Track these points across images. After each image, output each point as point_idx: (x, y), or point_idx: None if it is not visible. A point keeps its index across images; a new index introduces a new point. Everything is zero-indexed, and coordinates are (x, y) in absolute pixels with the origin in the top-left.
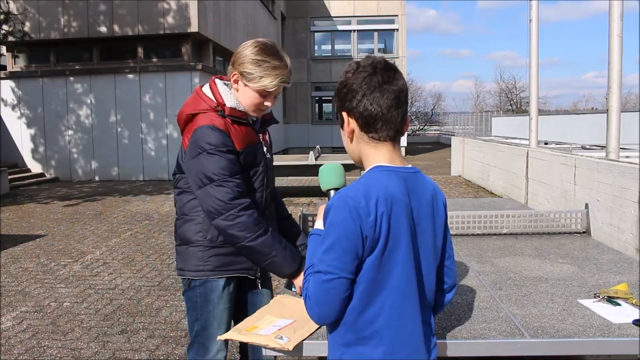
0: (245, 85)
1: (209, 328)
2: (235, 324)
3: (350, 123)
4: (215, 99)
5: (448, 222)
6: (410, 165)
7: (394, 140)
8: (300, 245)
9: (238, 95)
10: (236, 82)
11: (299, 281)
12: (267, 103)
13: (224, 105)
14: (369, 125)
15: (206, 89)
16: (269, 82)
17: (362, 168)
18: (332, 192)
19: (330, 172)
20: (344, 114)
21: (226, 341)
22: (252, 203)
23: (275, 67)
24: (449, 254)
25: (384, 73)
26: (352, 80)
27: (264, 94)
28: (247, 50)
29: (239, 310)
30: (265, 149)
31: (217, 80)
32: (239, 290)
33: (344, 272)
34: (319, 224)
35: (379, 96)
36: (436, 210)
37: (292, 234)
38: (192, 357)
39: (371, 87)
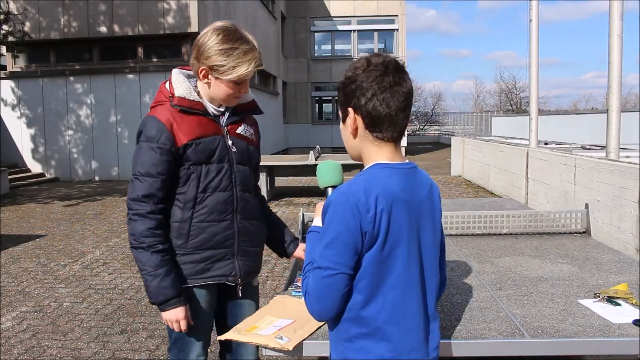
0: (217, 78)
1: (187, 336)
2: (219, 333)
3: (356, 120)
4: (169, 89)
5: (443, 218)
6: (408, 161)
7: (397, 141)
8: (287, 242)
9: (210, 89)
10: (205, 77)
11: (166, 315)
12: (242, 90)
13: (174, 95)
14: (375, 125)
15: (170, 81)
16: (244, 70)
17: (360, 164)
18: (329, 190)
19: (328, 170)
20: (350, 110)
21: (206, 347)
22: (158, 210)
23: (246, 52)
24: (443, 247)
25: (395, 74)
26: (363, 78)
27: (239, 81)
28: (210, 41)
29: (221, 319)
30: (230, 142)
31: (174, 70)
32: (223, 297)
33: (344, 267)
34: (317, 221)
35: (389, 97)
36: (434, 204)
37: (275, 232)
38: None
39: (382, 88)
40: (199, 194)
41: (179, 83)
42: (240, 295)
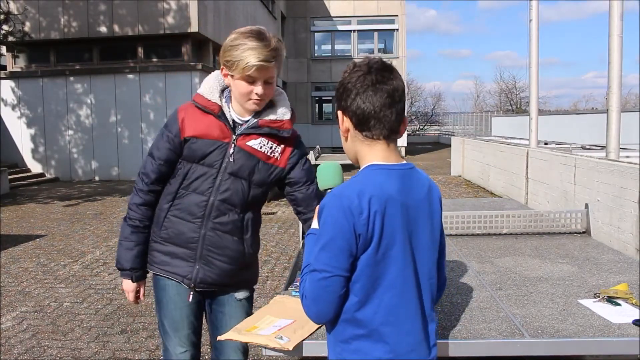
0: (231, 75)
1: (163, 326)
2: (212, 338)
3: (345, 121)
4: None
5: (443, 218)
6: (405, 162)
7: (389, 139)
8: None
9: (232, 90)
10: (225, 76)
11: (124, 286)
12: (256, 90)
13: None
14: (362, 124)
15: None
16: (246, 62)
17: (359, 167)
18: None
19: (327, 172)
20: (339, 112)
21: (184, 339)
22: (148, 189)
23: (252, 48)
24: (443, 249)
25: (378, 72)
26: (348, 80)
27: (249, 80)
28: (228, 39)
29: (211, 326)
30: (232, 151)
31: (214, 72)
32: (213, 304)
33: (339, 270)
34: (315, 224)
35: (372, 94)
36: (433, 205)
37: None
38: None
39: (364, 86)
40: (180, 190)
41: (207, 82)
42: (194, 300)
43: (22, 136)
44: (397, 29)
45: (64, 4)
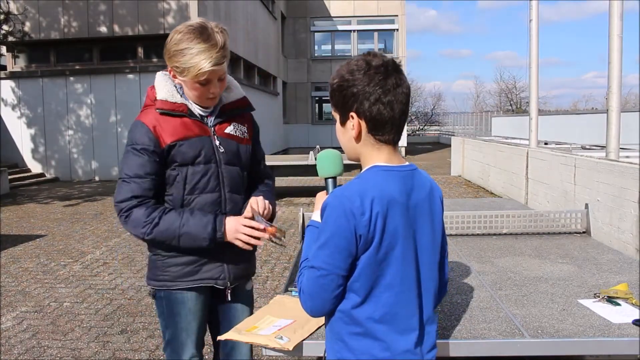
0: (181, 79)
1: (178, 337)
2: (213, 335)
3: (357, 125)
4: (154, 93)
5: (444, 219)
6: (407, 163)
7: (396, 142)
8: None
9: (186, 90)
10: (174, 77)
11: (229, 237)
12: (212, 90)
13: (157, 98)
14: (377, 129)
15: (154, 85)
16: (197, 70)
17: (359, 165)
18: (329, 181)
19: (328, 160)
20: (354, 114)
21: (199, 348)
22: (147, 200)
23: (201, 52)
24: (445, 250)
25: (395, 75)
26: (365, 81)
27: (202, 82)
28: (171, 42)
29: (214, 321)
30: (217, 142)
31: (159, 73)
32: (216, 299)
33: (336, 268)
34: (316, 215)
35: (393, 100)
36: (434, 206)
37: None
38: (168, 359)
39: (386, 91)
40: (185, 196)
41: (162, 86)
42: (230, 299)
43: (22, 136)
44: (397, 29)
45: (64, 4)
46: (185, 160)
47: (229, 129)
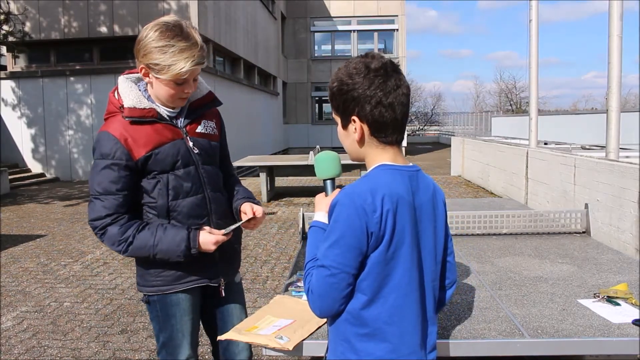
0: (156, 77)
1: (174, 339)
2: (207, 332)
3: (360, 128)
4: (118, 99)
5: (447, 220)
6: (412, 164)
7: (400, 143)
8: (239, 199)
9: (153, 89)
10: (146, 75)
11: (204, 247)
12: (187, 90)
13: (123, 105)
14: (380, 131)
15: (117, 90)
16: (179, 68)
17: (359, 164)
18: (328, 183)
19: (325, 162)
20: (355, 118)
21: (194, 347)
22: (121, 217)
23: (183, 50)
24: (450, 250)
25: (394, 77)
26: (365, 85)
27: (179, 82)
28: (147, 38)
29: (208, 319)
30: (191, 144)
31: (120, 78)
32: (208, 296)
33: (347, 267)
34: (318, 216)
35: (394, 102)
36: (437, 207)
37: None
38: None
39: (387, 94)
40: (170, 202)
41: (127, 92)
42: (223, 294)
43: (22, 136)
44: (397, 29)
45: (64, 4)
46: (165, 167)
47: (200, 128)
